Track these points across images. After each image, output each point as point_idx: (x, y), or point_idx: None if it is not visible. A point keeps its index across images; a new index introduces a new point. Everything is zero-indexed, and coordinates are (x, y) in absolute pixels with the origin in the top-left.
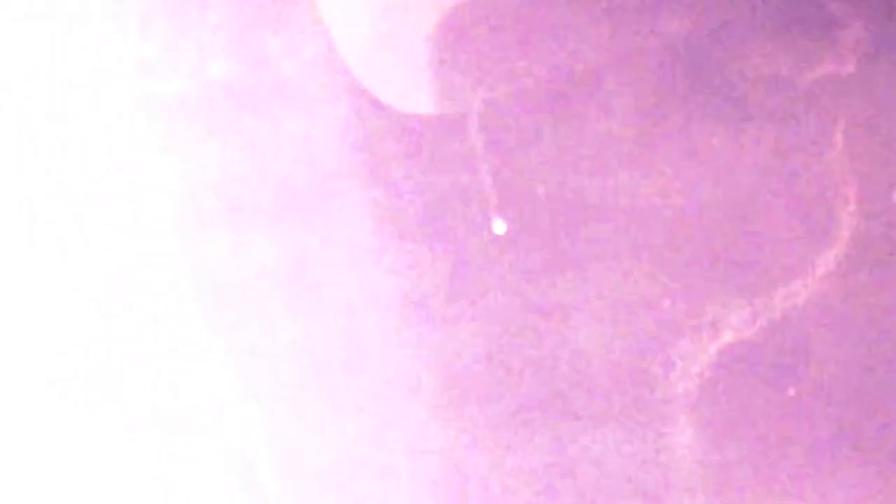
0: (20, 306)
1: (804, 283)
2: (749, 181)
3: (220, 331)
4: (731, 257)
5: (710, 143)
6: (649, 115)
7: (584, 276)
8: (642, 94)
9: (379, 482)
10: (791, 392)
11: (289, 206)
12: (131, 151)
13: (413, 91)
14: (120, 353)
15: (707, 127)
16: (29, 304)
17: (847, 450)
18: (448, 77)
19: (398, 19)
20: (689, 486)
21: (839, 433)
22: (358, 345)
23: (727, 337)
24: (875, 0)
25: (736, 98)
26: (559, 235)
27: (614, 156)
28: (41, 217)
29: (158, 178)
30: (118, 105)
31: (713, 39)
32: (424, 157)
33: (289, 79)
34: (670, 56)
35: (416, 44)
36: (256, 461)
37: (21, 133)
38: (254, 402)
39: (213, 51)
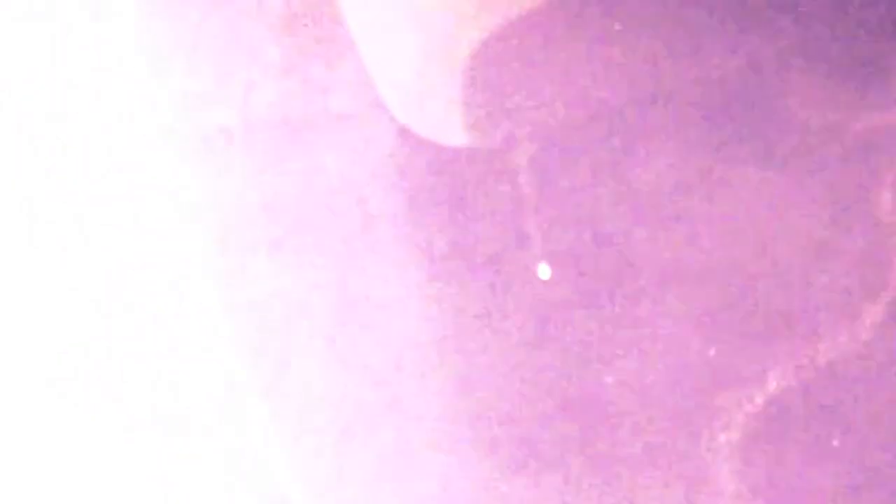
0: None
1: (851, 335)
2: (796, 230)
3: (245, 353)
4: (777, 307)
5: (755, 190)
6: (693, 160)
7: (628, 323)
8: (687, 137)
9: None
10: (835, 443)
11: (328, 242)
12: (164, 179)
13: (457, 127)
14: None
15: (752, 173)
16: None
17: (890, 502)
18: (492, 113)
19: (439, 55)
20: None
21: (882, 485)
22: (387, 384)
23: (772, 388)
24: None
25: (783, 144)
26: (604, 282)
27: (659, 202)
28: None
29: (197, 209)
30: (158, 133)
31: (761, 80)
32: (466, 195)
33: (333, 114)
34: (716, 96)
35: (460, 78)
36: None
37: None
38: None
39: (259, 85)
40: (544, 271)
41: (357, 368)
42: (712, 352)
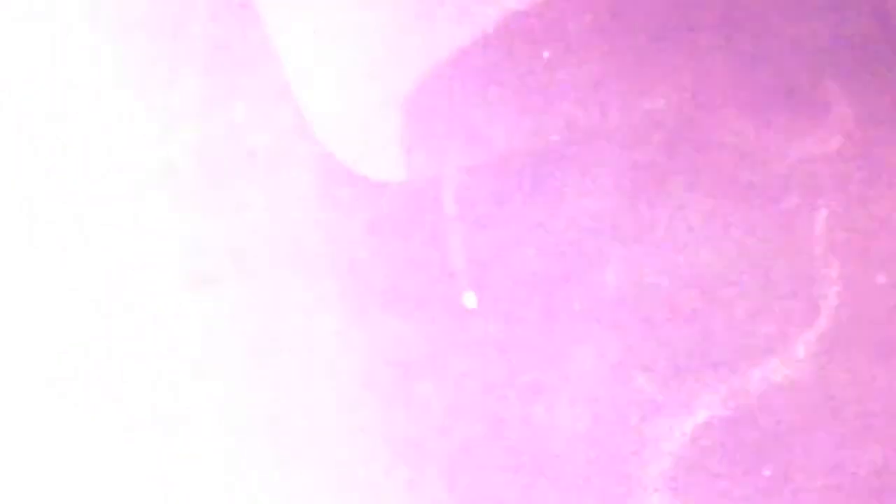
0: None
1: (782, 363)
2: (728, 259)
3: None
4: (708, 335)
5: (689, 219)
6: (628, 191)
7: (556, 353)
8: (623, 170)
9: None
10: (766, 473)
11: (254, 277)
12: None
13: (385, 160)
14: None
15: (688, 203)
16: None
17: None
18: (421, 146)
19: (369, 87)
20: None
21: None
22: (317, 419)
23: (702, 416)
24: (863, 75)
25: (718, 174)
26: (531, 311)
27: (591, 232)
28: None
29: (121, 247)
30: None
31: (699, 114)
32: (394, 227)
33: (257, 148)
34: (653, 130)
35: (389, 112)
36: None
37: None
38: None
39: (180, 120)
40: (470, 300)
41: (281, 402)
42: (640, 380)
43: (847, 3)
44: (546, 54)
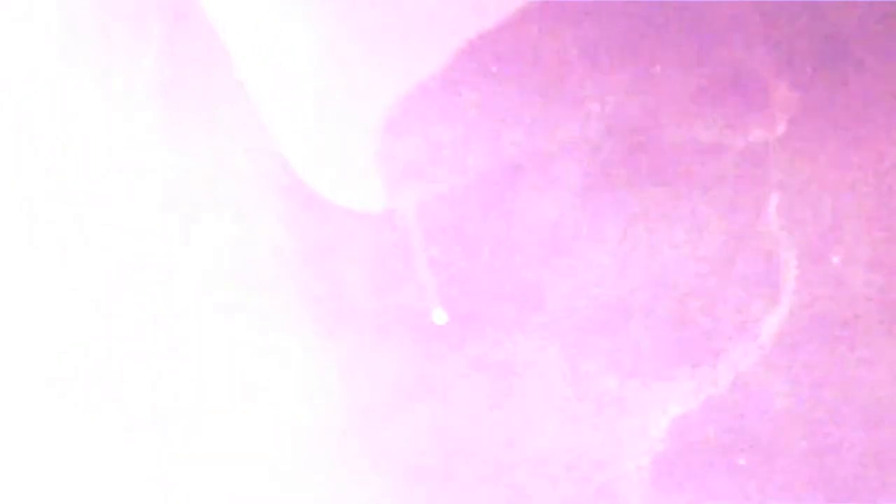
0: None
1: (748, 351)
2: (687, 254)
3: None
4: (674, 331)
5: (647, 219)
6: (589, 197)
7: (526, 361)
8: (581, 177)
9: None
10: (742, 462)
11: (224, 301)
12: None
13: (351, 186)
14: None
15: (646, 202)
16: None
17: None
18: (386, 171)
19: (337, 115)
20: None
21: (792, 500)
22: (297, 441)
23: (675, 411)
24: (801, 62)
25: (672, 172)
26: (500, 322)
27: (553, 241)
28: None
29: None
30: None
31: (649, 114)
32: (363, 249)
33: (226, 172)
34: (608, 136)
35: (355, 139)
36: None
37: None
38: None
39: (149, 148)
40: (440, 317)
41: (257, 428)
42: (612, 382)
43: None
44: (494, 69)
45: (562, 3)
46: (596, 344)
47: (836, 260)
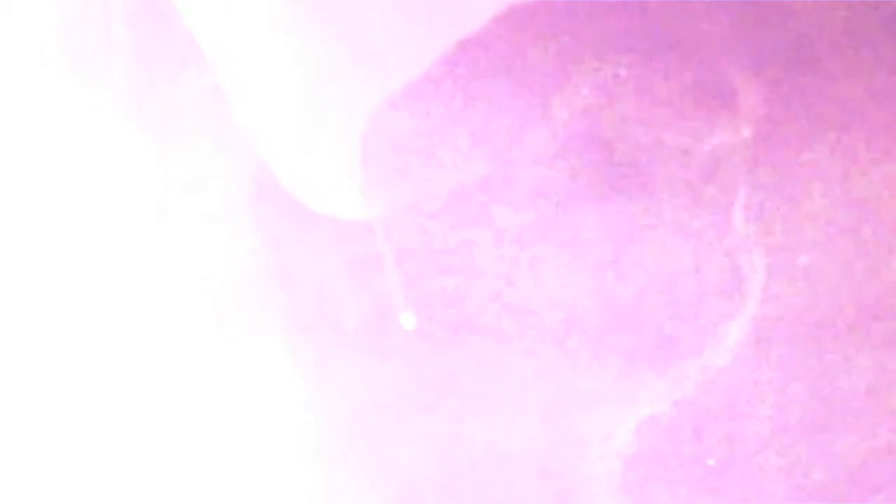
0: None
1: (716, 353)
2: (655, 256)
3: None
4: (642, 333)
5: (613, 221)
6: (557, 206)
7: (495, 364)
8: (550, 187)
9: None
10: (711, 462)
11: (202, 311)
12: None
13: (330, 193)
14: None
15: (612, 205)
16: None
17: None
18: (366, 180)
19: (319, 122)
20: None
21: (762, 501)
22: (262, 449)
23: (643, 412)
24: (768, 63)
25: (638, 175)
26: (468, 326)
27: (519, 245)
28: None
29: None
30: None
31: (613, 119)
32: (336, 258)
33: (201, 180)
34: (576, 144)
35: (333, 147)
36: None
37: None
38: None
39: (122, 158)
40: (409, 321)
41: (226, 431)
42: (580, 384)
43: None
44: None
45: (530, 11)
46: (564, 346)
47: (803, 261)
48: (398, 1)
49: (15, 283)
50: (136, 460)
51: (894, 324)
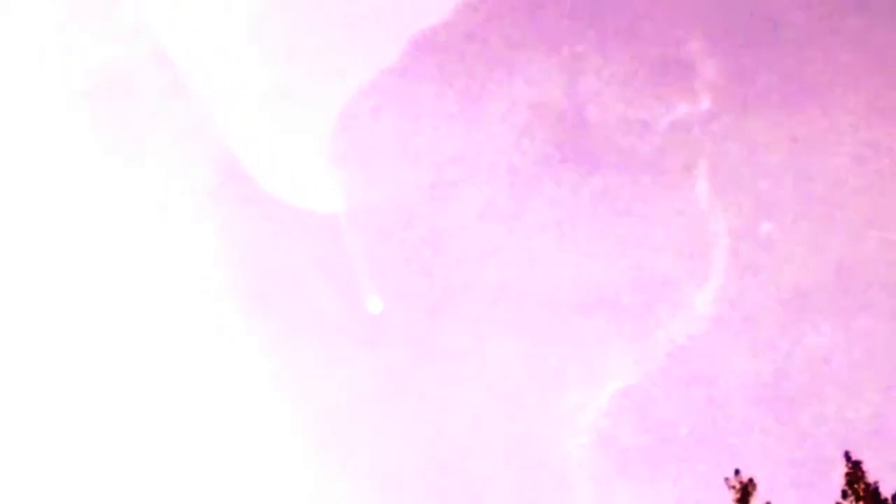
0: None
1: (684, 323)
2: (620, 231)
3: None
4: (610, 307)
5: (580, 197)
6: (521, 183)
7: (463, 345)
8: (514, 165)
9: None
10: (683, 431)
11: (167, 301)
12: None
13: (299, 185)
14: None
15: (577, 182)
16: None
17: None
18: (331, 173)
19: (289, 119)
20: None
21: (734, 464)
22: (236, 434)
23: (614, 386)
24: (725, 36)
25: (601, 152)
26: (434, 310)
27: (487, 230)
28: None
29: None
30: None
31: (576, 98)
32: (306, 248)
33: (163, 175)
34: (537, 120)
35: (305, 140)
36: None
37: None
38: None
39: (82, 156)
40: (375, 306)
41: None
42: (552, 362)
43: None
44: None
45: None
46: (530, 325)
47: (766, 229)
48: None
49: None
50: (106, 452)
51: (860, 289)
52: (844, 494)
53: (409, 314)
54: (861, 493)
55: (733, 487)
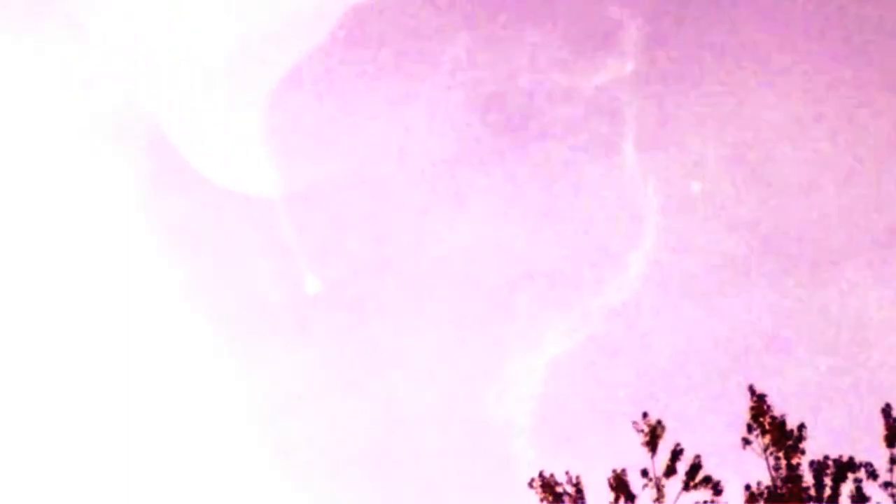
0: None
1: (619, 287)
2: (551, 199)
3: None
4: (544, 276)
5: (511, 168)
6: (453, 160)
7: (404, 322)
8: (446, 142)
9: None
10: (621, 394)
11: (99, 287)
12: None
13: (235, 170)
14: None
15: (505, 153)
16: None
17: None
18: (268, 157)
19: (228, 96)
20: None
21: (671, 423)
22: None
23: (553, 351)
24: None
25: (532, 117)
26: (372, 291)
27: (422, 207)
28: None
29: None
30: None
31: (503, 68)
32: (240, 229)
33: (108, 159)
34: (467, 97)
35: (240, 124)
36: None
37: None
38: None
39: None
40: (313, 285)
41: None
42: (491, 331)
43: None
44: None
45: None
46: (467, 297)
47: (696, 188)
48: None
49: None
50: (61, 446)
51: (789, 250)
52: (749, 428)
53: (348, 291)
54: (767, 427)
55: (641, 431)
